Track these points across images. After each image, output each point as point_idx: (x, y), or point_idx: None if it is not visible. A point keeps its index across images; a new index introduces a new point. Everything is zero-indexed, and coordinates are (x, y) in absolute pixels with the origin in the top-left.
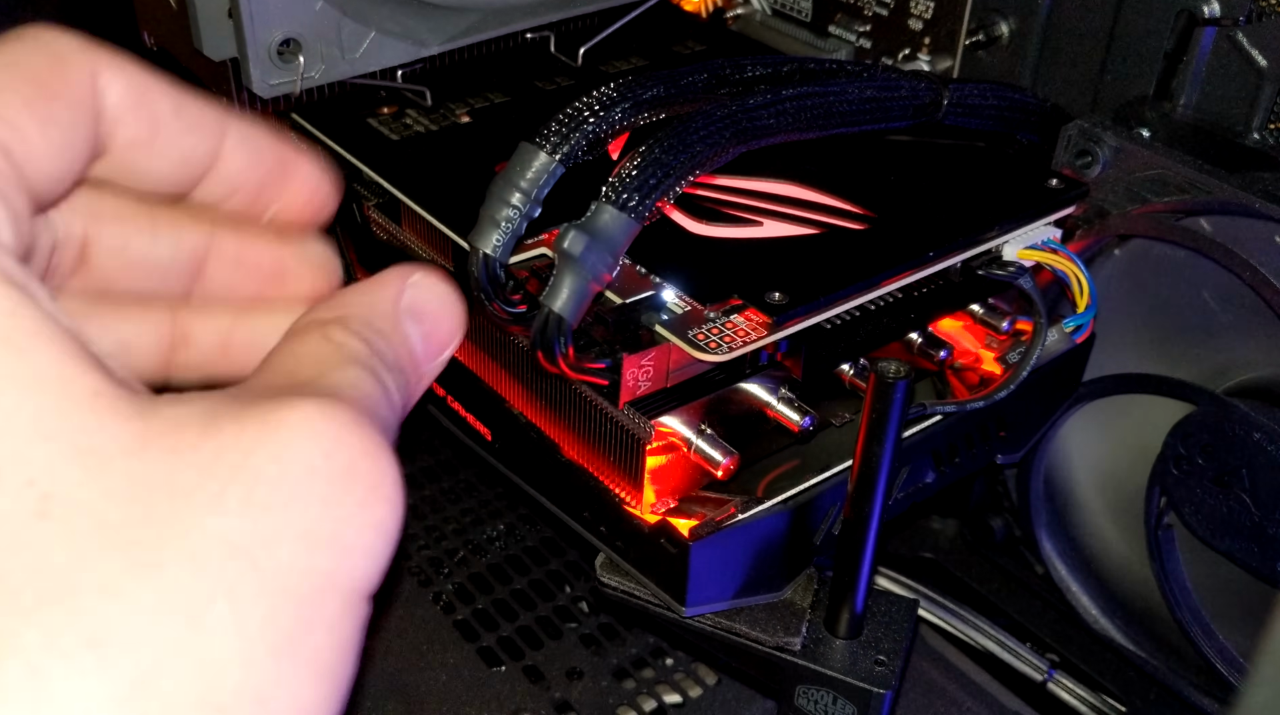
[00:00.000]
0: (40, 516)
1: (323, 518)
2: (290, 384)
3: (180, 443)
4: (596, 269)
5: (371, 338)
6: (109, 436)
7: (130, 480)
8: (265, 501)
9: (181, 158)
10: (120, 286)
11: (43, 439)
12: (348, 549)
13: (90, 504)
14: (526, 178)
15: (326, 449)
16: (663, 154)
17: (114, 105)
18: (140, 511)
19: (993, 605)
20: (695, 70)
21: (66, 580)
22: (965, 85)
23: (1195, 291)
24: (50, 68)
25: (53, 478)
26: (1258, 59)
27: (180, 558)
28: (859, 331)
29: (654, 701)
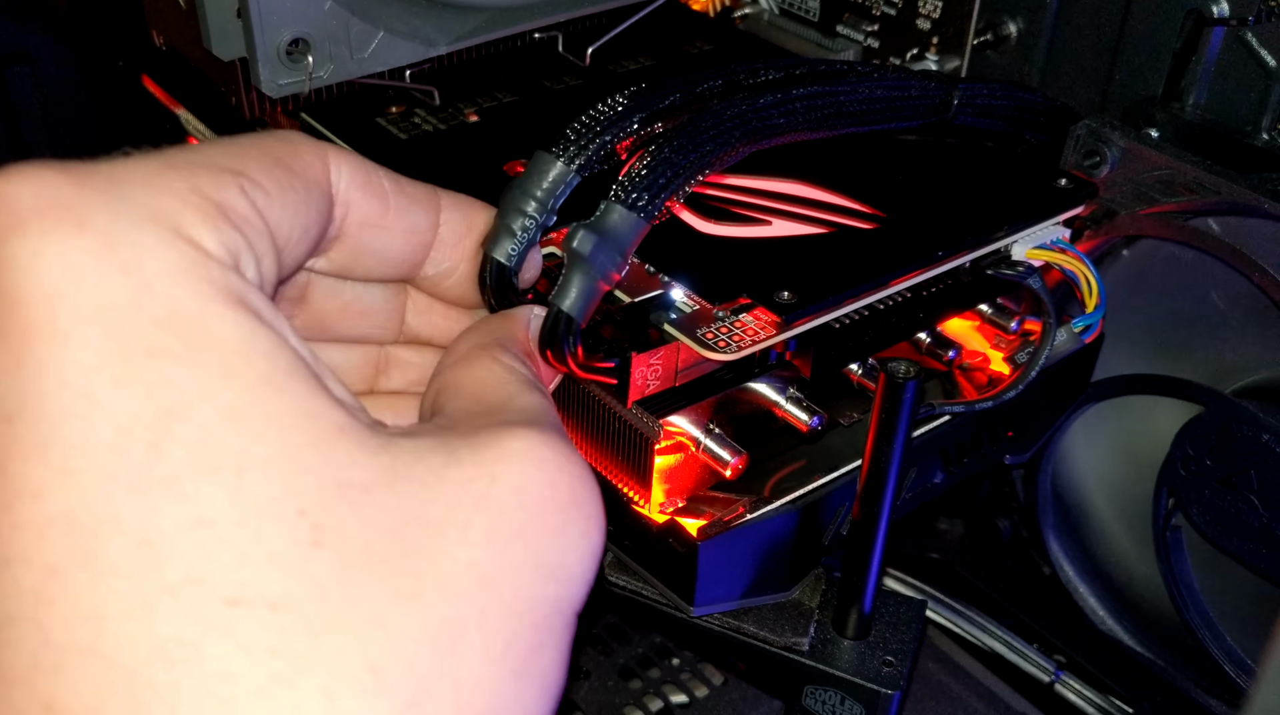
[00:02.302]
0: (315, 545)
1: (553, 548)
2: (488, 408)
3: (425, 474)
4: (605, 268)
5: (525, 361)
6: (362, 469)
7: (387, 511)
8: (506, 532)
9: (410, 230)
10: (338, 327)
11: (304, 472)
12: (573, 577)
13: (357, 534)
14: (543, 187)
15: (553, 478)
16: (672, 153)
17: (345, 186)
18: (399, 542)
19: (1000, 606)
20: (710, 76)
21: (343, 607)
22: (975, 85)
23: (1204, 292)
24: (287, 149)
25: (321, 508)
26: (1267, 59)
27: (437, 588)
28: (867, 331)
29: (660, 701)
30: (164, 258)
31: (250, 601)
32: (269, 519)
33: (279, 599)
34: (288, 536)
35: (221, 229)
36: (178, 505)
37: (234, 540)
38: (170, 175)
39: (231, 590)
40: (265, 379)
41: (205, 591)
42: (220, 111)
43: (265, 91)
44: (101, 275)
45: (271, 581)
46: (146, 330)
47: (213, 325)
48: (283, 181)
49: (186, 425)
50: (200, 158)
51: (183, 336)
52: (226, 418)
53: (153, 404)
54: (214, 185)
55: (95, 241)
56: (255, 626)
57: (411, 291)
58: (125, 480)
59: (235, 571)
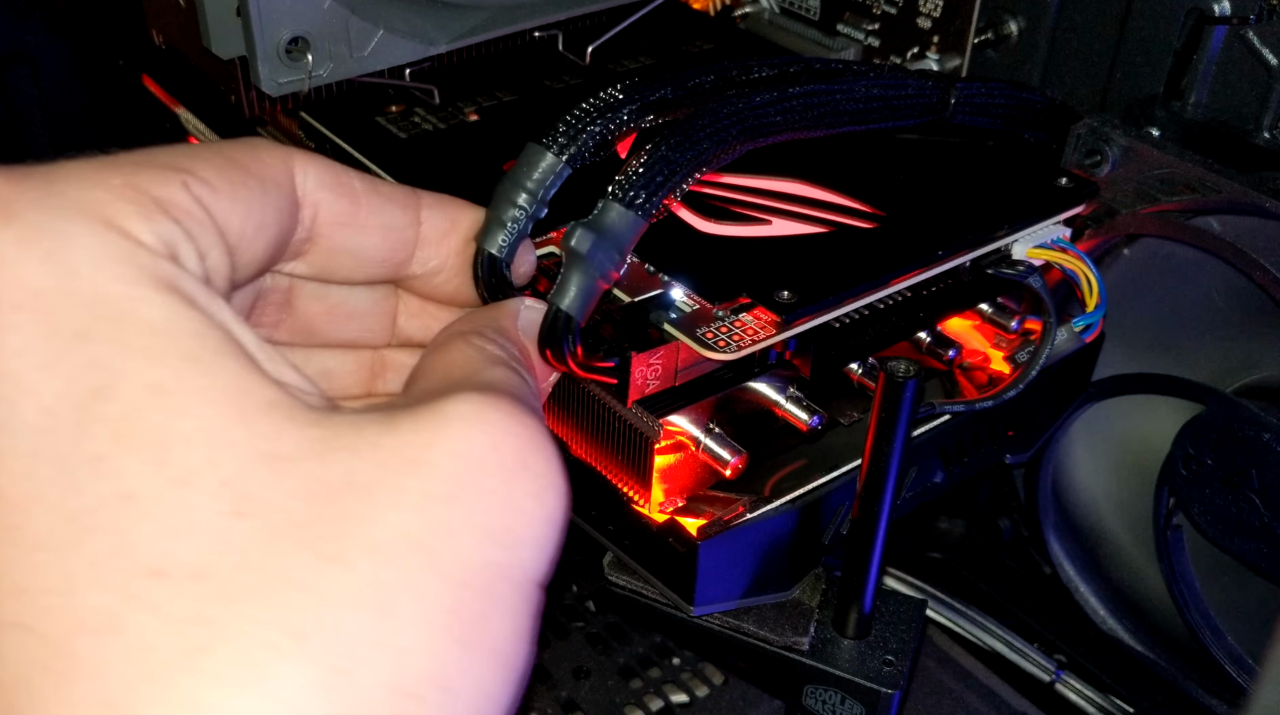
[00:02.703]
0: (237, 515)
1: (497, 511)
2: (449, 384)
3: (359, 441)
4: (604, 267)
5: (505, 344)
6: (291, 442)
7: (314, 480)
8: (442, 495)
9: (386, 227)
10: (326, 332)
11: (229, 445)
12: (520, 541)
13: (280, 503)
14: (533, 178)
15: (496, 440)
16: (669, 151)
17: (312, 186)
18: (326, 509)
19: (1001, 605)
20: (702, 72)
21: (266, 575)
22: (972, 84)
23: (1205, 291)
24: (244, 152)
25: (244, 480)
26: (1268, 58)
27: (365, 552)
28: (868, 330)
29: (661, 701)
30: (89, 245)
31: (172, 572)
32: (191, 490)
33: (201, 568)
34: (210, 507)
35: (155, 220)
36: (102, 482)
37: (156, 513)
38: (109, 172)
39: (154, 561)
40: (191, 357)
41: (128, 563)
42: (220, 110)
43: (265, 90)
44: (27, 263)
45: (193, 552)
46: (73, 314)
47: (138, 308)
48: (234, 179)
49: (111, 404)
50: (146, 158)
51: (108, 319)
52: (151, 395)
53: (79, 385)
54: (152, 180)
55: (21, 232)
56: (177, 596)
57: (403, 294)
58: (50, 459)
59: (157, 543)
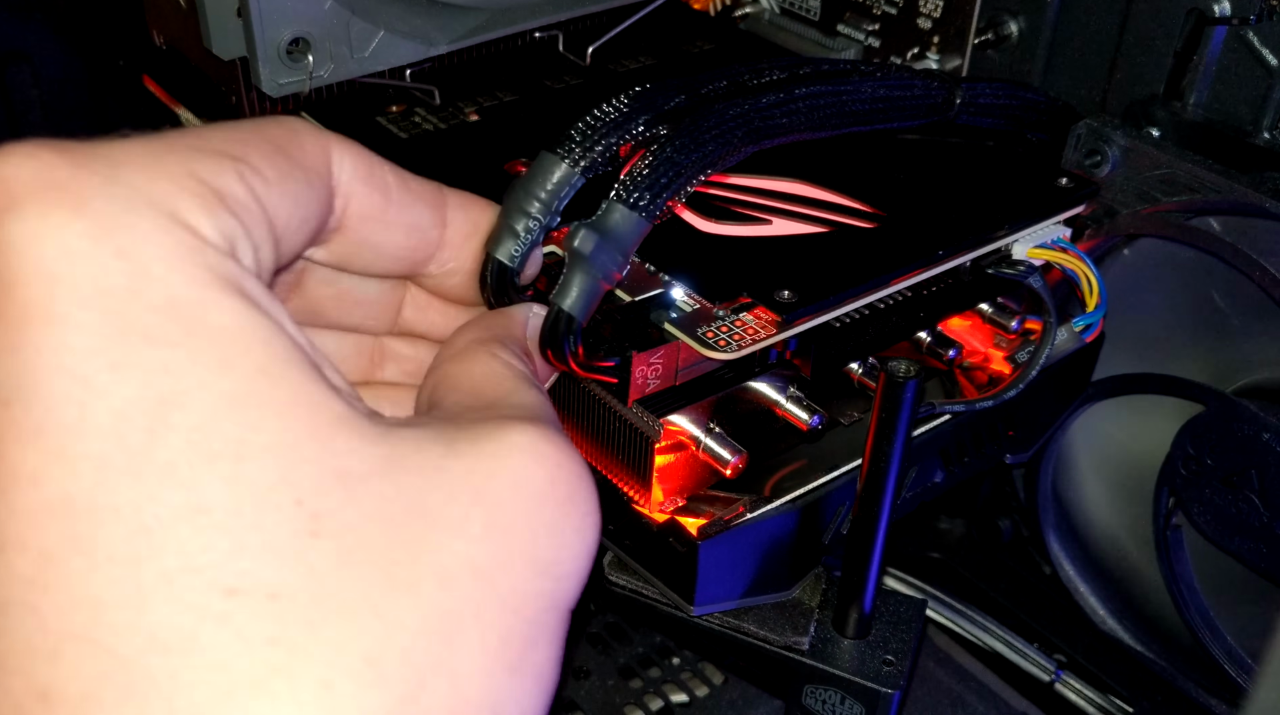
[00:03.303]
0: (313, 535)
1: (549, 544)
2: (486, 403)
3: (424, 464)
4: (606, 268)
5: (524, 357)
6: (360, 459)
7: (385, 501)
8: (503, 526)
9: (412, 226)
10: (331, 315)
11: (303, 461)
12: (567, 573)
13: (354, 524)
14: (547, 189)
15: (552, 475)
16: (674, 153)
17: (347, 178)
18: (397, 533)
19: (1000, 605)
20: (714, 77)
21: (342, 598)
22: (977, 84)
23: (1205, 291)
24: (287, 136)
25: (319, 498)
26: (1268, 58)
27: (434, 580)
28: (868, 330)
29: (661, 701)
30: (161, 243)
31: (248, 590)
32: (267, 507)
33: (277, 588)
34: (285, 526)
35: (218, 215)
36: (175, 492)
37: (232, 528)
38: (168, 159)
39: (229, 579)
40: (263, 367)
41: (203, 580)
42: (220, 111)
43: (265, 91)
44: (98, 259)
45: (269, 570)
46: (144, 316)
47: (210, 312)
48: (283, 169)
49: (184, 412)
50: (199, 142)
51: (180, 323)
52: (224, 405)
53: (150, 390)
54: (212, 171)
55: (92, 225)
56: (253, 616)
57: (411, 287)
58: (122, 466)
59: (233, 560)
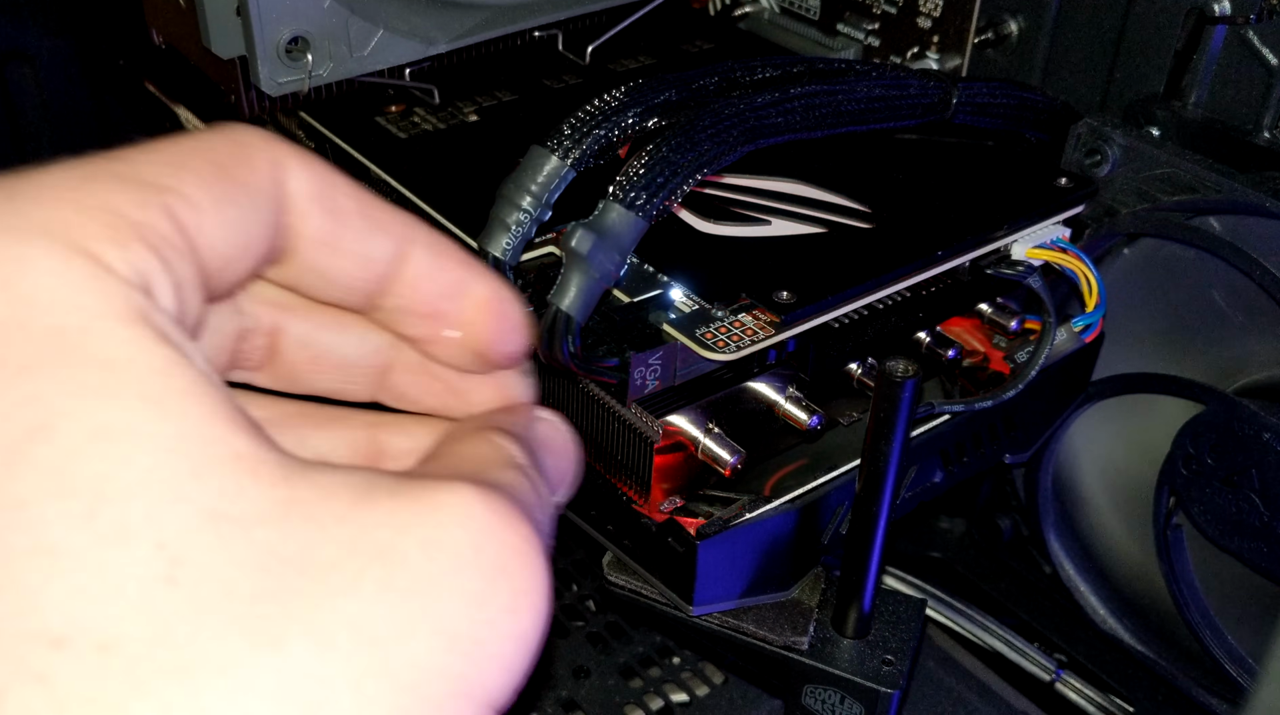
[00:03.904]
0: (168, 582)
1: (464, 617)
2: (450, 475)
3: (325, 513)
4: (604, 267)
5: (526, 453)
6: (248, 502)
7: (264, 550)
8: (405, 588)
9: (366, 257)
10: (308, 380)
11: (176, 501)
12: (487, 656)
13: (219, 572)
14: (538, 182)
15: (478, 540)
16: (670, 153)
17: (298, 196)
18: (271, 585)
19: (1001, 605)
20: (706, 73)
21: (186, 652)
22: (974, 84)
23: (1205, 291)
24: (232, 153)
25: (183, 542)
26: (1268, 57)
27: (305, 639)
28: (867, 330)
29: (661, 700)
30: (51, 271)
31: (75, 642)
32: (120, 549)
33: (109, 640)
34: (137, 570)
35: (131, 248)
36: (19, 532)
37: (73, 571)
38: (84, 188)
39: (57, 628)
40: (154, 399)
41: (27, 628)
42: (220, 110)
43: (264, 90)
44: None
45: (105, 619)
46: (21, 345)
47: (99, 341)
48: (220, 193)
49: (47, 447)
50: (128, 168)
51: (59, 352)
52: (94, 439)
53: (14, 424)
54: (133, 202)
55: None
56: (75, 671)
57: (404, 350)
58: None
59: (66, 606)
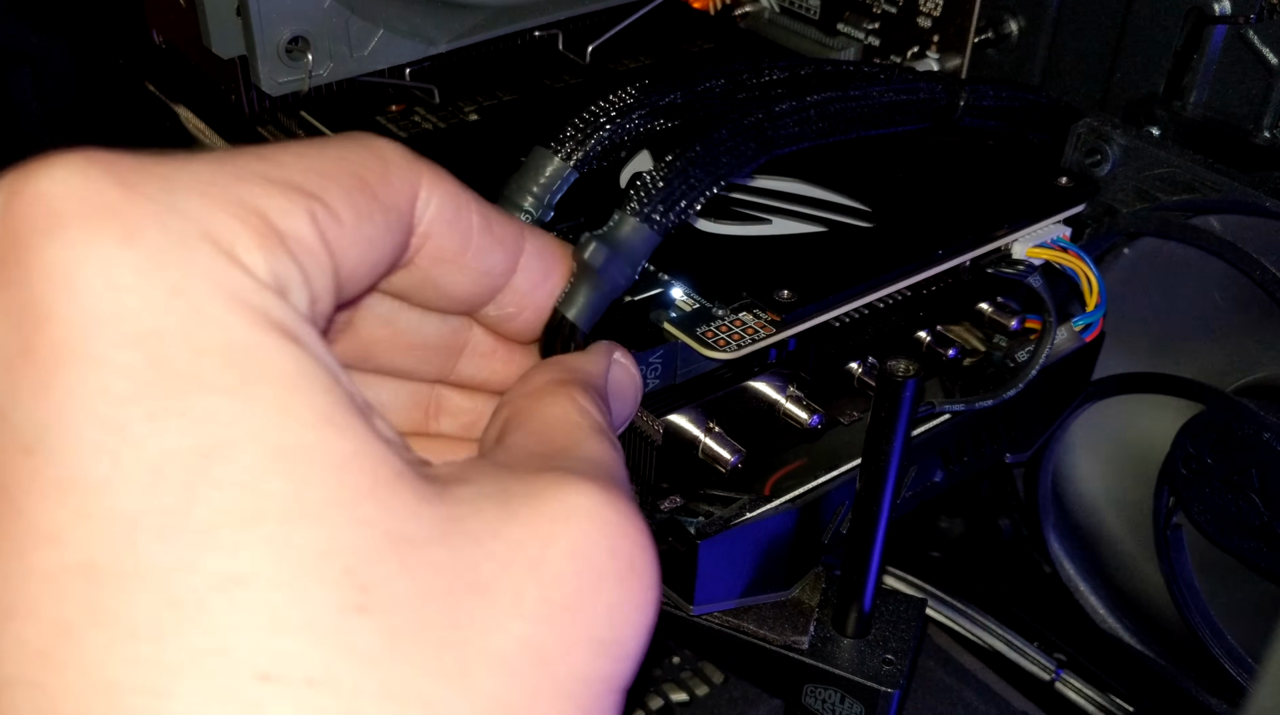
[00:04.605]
0: (360, 610)
1: (609, 622)
2: (553, 450)
3: (480, 528)
4: (615, 281)
5: (602, 407)
6: (417, 522)
7: (439, 571)
8: (561, 603)
9: (485, 273)
10: (382, 357)
11: (360, 524)
12: (627, 655)
13: (407, 599)
14: (540, 182)
15: (614, 544)
16: (689, 165)
17: (430, 217)
18: (450, 611)
19: (1001, 604)
20: (712, 75)
21: (389, 685)
22: (981, 86)
23: (1205, 290)
24: (376, 170)
25: (371, 567)
26: (1268, 57)
27: (487, 665)
28: (867, 330)
29: (661, 700)
30: (217, 282)
31: (284, 677)
32: (313, 578)
33: (318, 675)
34: (332, 600)
35: (276, 256)
36: (212, 558)
37: (272, 602)
38: (234, 189)
39: (265, 662)
40: (326, 417)
41: (235, 663)
42: (220, 110)
43: (265, 89)
44: (148, 296)
45: (310, 653)
46: (194, 360)
47: (270, 356)
48: (362, 210)
49: (230, 466)
50: (275, 171)
51: (235, 368)
52: (275, 459)
53: (193, 442)
54: (281, 209)
55: (143, 257)
56: (289, 706)
57: (477, 332)
58: (154, 528)
59: (270, 640)
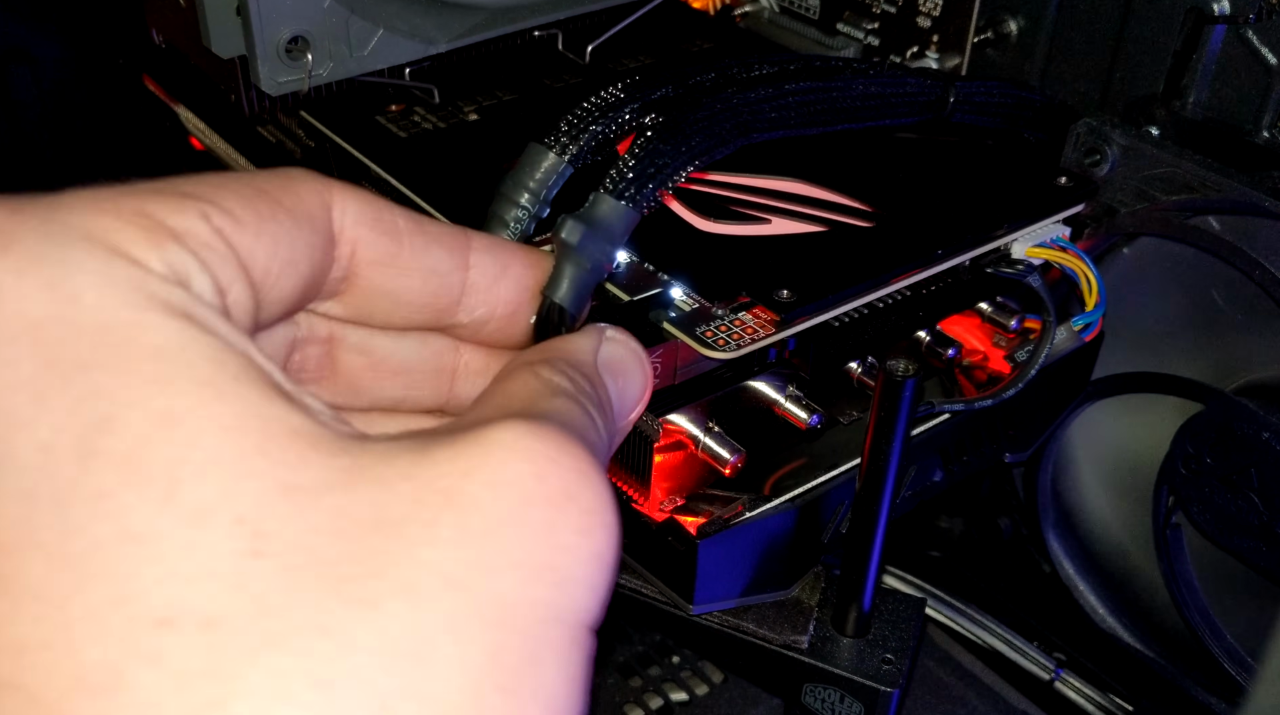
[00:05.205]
0: (255, 555)
1: (540, 546)
2: (502, 415)
3: (390, 472)
4: (595, 258)
5: (576, 377)
6: (314, 471)
7: (340, 515)
8: (480, 529)
9: (429, 270)
10: (371, 390)
11: (247, 477)
12: (568, 579)
13: (302, 540)
14: (535, 178)
15: (540, 470)
16: (660, 143)
17: (351, 222)
18: (353, 546)
19: (1000, 604)
20: (703, 69)
21: (287, 620)
22: (972, 83)
23: (1204, 290)
24: (277, 183)
25: (262, 515)
26: (1267, 57)
27: (397, 593)
28: (867, 329)
29: (660, 699)
30: (94, 271)
31: (180, 621)
32: (203, 529)
33: (213, 616)
34: (223, 547)
35: (166, 248)
36: (103, 521)
37: (164, 554)
38: (119, 200)
39: (160, 610)
40: (206, 381)
41: (131, 612)
42: (220, 109)
43: (264, 89)
44: (24, 292)
45: (204, 597)
46: (74, 343)
47: (147, 333)
48: (263, 212)
49: (115, 437)
50: (164, 186)
51: (113, 345)
52: (160, 424)
53: (79, 418)
54: (168, 209)
55: (19, 260)
56: (186, 648)
57: (465, 352)
58: (48, 499)
59: (164, 588)
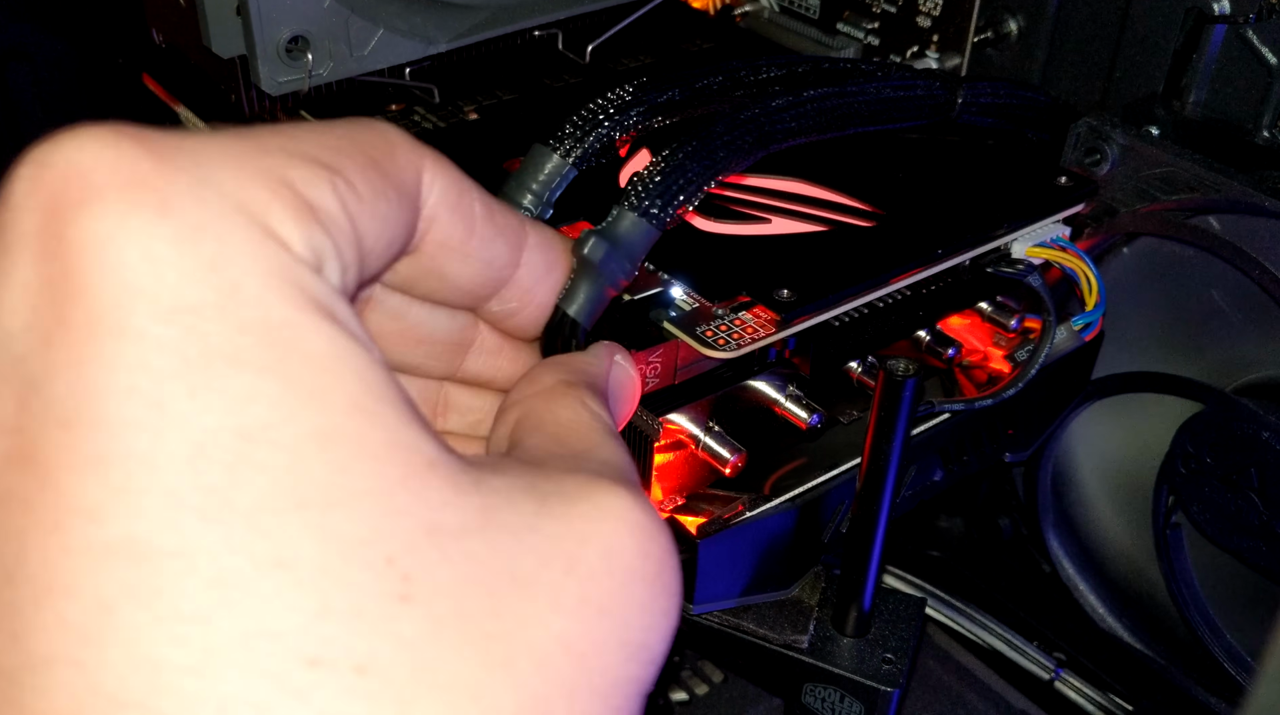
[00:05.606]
0: (403, 600)
1: (639, 625)
2: (572, 453)
3: (516, 522)
4: (615, 276)
5: (607, 408)
6: (454, 514)
7: (478, 564)
8: (597, 603)
9: (488, 262)
10: (392, 352)
11: (397, 514)
12: (653, 659)
13: (447, 588)
14: (539, 180)
15: (643, 547)
16: (687, 160)
17: (434, 201)
18: (491, 603)
19: (1000, 603)
20: (710, 72)
21: (435, 673)
22: (979, 84)
23: (1204, 290)
24: (383, 149)
25: (412, 556)
26: (1268, 56)
27: (529, 658)
28: (867, 329)
29: (661, 699)
30: (253, 256)
31: (333, 662)
32: (356, 565)
33: (365, 661)
34: (375, 587)
35: (310, 229)
36: (257, 542)
37: (317, 587)
38: (261, 162)
39: (312, 647)
40: (358, 402)
41: (283, 647)
42: (220, 109)
43: (265, 89)
44: (186, 270)
45: (356, 639)
46: (232, 337)
47: (305, 336)
48: (376, 186)
49: (271, 448)
50: (293, 144)
51: (273, 348)
52: (316, 444)
53: (233, 421)
54: (306, 179)
55: (180, 230)
56: (337, 692)
57: (483, 330)
58: (197, 507)
59: (318, 625)
